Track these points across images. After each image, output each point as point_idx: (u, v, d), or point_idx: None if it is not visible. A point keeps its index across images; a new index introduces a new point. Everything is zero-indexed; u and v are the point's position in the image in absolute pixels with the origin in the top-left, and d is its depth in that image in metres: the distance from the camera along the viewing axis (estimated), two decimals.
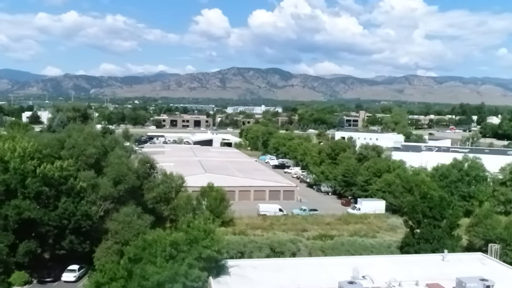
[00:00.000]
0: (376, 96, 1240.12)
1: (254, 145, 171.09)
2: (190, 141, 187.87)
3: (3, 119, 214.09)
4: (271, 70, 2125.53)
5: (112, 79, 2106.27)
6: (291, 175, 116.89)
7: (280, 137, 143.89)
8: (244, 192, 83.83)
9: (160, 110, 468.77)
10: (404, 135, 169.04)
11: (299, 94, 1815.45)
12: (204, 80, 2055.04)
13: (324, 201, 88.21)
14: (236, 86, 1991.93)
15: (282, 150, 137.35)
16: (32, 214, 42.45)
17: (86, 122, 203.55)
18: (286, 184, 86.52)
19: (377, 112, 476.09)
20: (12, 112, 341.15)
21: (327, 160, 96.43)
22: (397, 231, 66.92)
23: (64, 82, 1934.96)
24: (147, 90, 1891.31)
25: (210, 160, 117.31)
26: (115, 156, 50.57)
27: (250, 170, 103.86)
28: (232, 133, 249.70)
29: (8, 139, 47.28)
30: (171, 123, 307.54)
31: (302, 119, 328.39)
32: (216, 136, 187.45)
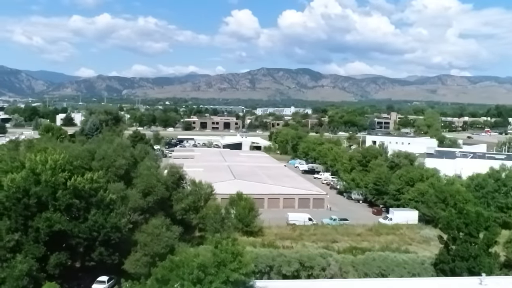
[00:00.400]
0: (408, 97, 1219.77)
1: (283, 149, 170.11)
2: (219, 144, 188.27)
3: (38, 121, 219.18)
4: (301, 71, 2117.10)
5: (144, 80, 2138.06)
6: (321, 181, 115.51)
7: (310, 141, 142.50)
8: (273, 200, 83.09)
9: (190, 111, 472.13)
10: (438, 139, 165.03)
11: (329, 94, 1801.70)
12: (234, 80, 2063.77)
13: (355, 210, 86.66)
14: (266, 87, 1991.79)
15: (312, 155, 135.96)
16: (62, 226, 42.79)
17: (118, 124, 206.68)
18: (316, 192, 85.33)
19: (409, 113, 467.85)
20: (47, 114, 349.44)
21: (358, 167, 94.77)
22: (431, 244, 65.07)
23: (97, 83, 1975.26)
24: (178, 91, 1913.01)
25: (239, 165, 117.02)
26: (144, 167, 50.64)
27: (279, 176, 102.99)
28: (261, 135, 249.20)
29: (40, 150, 47.86)
30: (201, 125, 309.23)
31: (332, 121, 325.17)
32: (246, 140, 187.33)
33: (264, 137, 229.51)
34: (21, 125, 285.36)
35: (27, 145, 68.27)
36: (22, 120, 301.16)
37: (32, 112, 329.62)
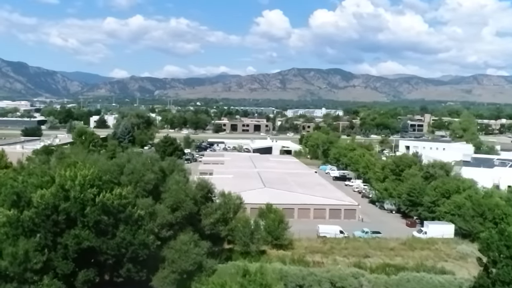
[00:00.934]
0: (442, 97, 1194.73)
1: (314, 154, 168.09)
2: (249, 148, 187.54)
3: (72, 124, 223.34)
4: (332, 71, 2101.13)
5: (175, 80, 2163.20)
6: (352, 189, 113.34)
7: (341, 147, 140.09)
8: (304, 210, 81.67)
9: (221, 113, 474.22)
10: (474, 145, 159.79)
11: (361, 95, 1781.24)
12: (264, 81, 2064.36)
13: (387, 221, 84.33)
14: (297, 87, 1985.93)
15: (343, 161, 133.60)
16: (91, 243, 42.57)
17: (149, 128, 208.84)
18: (348, 203, 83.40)
19: (443, 115, 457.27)
20: (81, 115, 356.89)
21: (391, 176, 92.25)
22: (468, 261, 62.57)
23: (130, 84, 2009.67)
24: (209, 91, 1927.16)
25: (269, 171, 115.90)
26: (173, 181, 50.10)
27: (309, 184, 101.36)
28: (291, 138, 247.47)
29: (70, 165, 47.89)
30: (231, 127, 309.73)
31: (364, 124, 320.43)
32: (276, 144, 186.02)
33: (295, 141, 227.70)
34: (56, 127, 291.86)
35: (58, 157, 68.92)
36: (57, 122, 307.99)
37: (67, 114, 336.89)
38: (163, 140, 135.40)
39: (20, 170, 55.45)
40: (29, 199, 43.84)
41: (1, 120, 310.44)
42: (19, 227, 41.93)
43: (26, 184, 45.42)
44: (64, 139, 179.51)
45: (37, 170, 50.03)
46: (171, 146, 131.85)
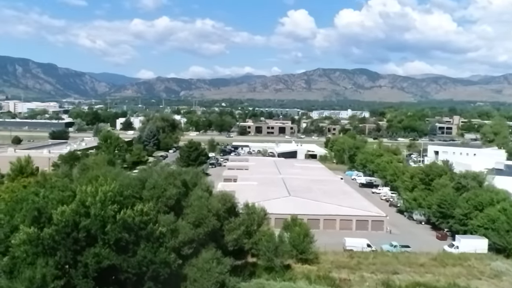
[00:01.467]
0: (471, 97, 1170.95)
1: (340, 159, 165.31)
2: (274, 152, 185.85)
3: (98, 127, 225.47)
4: (358, 71, 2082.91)
5: (201, 81, 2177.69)
6: (380, 197, 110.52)
7: (368, 153, 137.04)
8: (330, 221, 79.58)
9: (246, 115, 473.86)
10: (507, 151, 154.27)
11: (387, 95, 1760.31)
12: (289, 81, 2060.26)
13: (417, 233, 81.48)
14: (322, 88, 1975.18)
15: (370, 168, 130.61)
16: (111, 262, 41.62)
17: (174, 131, 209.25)
18: (375, 214, 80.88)
19: (472, 116, 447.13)
20: (107, 117, 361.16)
21: (420, 185, 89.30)
22: (502, 279, 59.65)
23: (156, 85, 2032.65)
24: (234, 92, 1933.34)
25: (294, 178, 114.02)
26: (195, 196, 48.83)
27: (335, 192, 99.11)
28: (317, 142, 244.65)
29: (91, 179, 47.15)
30: (256, 129, 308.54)
31: (390, 126, 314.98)
32: (301, 148, 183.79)
33: (320, 144, 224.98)
34: (83, 129, 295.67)
35: (81, 168, 68.60)
36: (84, 124, 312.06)
37: (94, 116, 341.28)
38: (187, 145, 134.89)
39: (43, 182, 55.07)
40: (49, 215, 43.26)
41: (30, 122, 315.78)
42: (39, 245, 41.26)
43: (47, 199, 44.86)
44: (90, 142, 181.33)
45: (59, 183, 49.48)
46: (196, 151, 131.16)
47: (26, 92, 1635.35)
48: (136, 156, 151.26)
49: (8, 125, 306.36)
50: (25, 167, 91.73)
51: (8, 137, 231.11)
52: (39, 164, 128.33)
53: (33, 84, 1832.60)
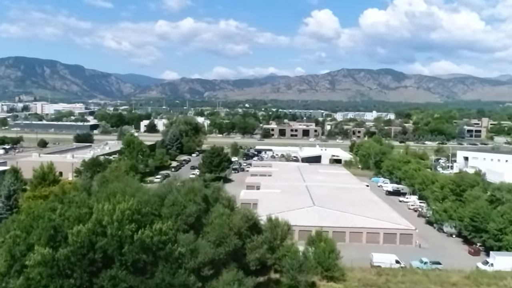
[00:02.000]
0: (500, 97, 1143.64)
1: (365, 164, 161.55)
2: (298, 156, 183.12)
3: (122, 130, 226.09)
4: (383, 71, 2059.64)
5: (225, 82, 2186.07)
6: (408, 206, 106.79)
7: (395, 159, 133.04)
8: (356, 234, 76.64)
9: (269, 116, 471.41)
10: None
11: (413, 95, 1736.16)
12: (313, 82, 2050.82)
13: (447, 247, 77.80)
14: (346, 88, 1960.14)
15: (397, 175, 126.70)
16: (128, 284, 39.92)
17: (197, 135, 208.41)
18: (404, 227, 77.52)
19: (502, 118, 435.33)
20: (132, 119, 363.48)
21: (451, 196, 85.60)
22: None
23: (180, 85, 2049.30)
24: (258, 92, 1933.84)
25: (318, 185, 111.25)
26: (216, 214, 46.80)
27: (361, 201, 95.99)
28: (341, 145, 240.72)
29: (109, 194, 45.60)
30: (279, 132, 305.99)
31: (417, 129, 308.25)
32: (325, 152, 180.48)
33: (344, 148, 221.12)
34: (108, 131, 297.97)
35: (100, 180, 67.40)
36: (108, 126, 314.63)
37: (118, 119, 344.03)
38: (210, 151, 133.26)
39: (61, 194, 53.84)
40: (66, 234, 41.86)
41: (56, 124, 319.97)
42: (54, 267, 39.83)
43: (64, 217, 43.48)
44: (114, 146, 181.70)
45: (76, 198, 48.09)
46: (218, 157, 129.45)
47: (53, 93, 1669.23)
48: (159, 160, 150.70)
49: (35, 128, 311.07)
50: (47, 174, 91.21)
51: (34, 139, 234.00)
52: (63, 169, 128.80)
53: (60, 85, 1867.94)
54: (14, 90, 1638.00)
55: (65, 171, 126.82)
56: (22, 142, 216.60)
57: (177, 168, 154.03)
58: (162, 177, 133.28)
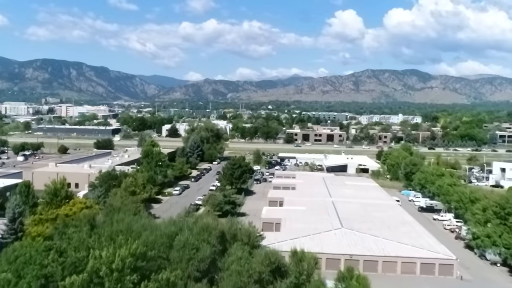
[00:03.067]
0: None
1: (394, 174, 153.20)
2: (323, 165, 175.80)
3: (143, 134, 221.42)
4: (408, 72, 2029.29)
5: (248, 83, 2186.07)
6: (443, 225, 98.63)
7: (427, 172, 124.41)
8: (389, 264, 69.22)
9: (292, 119, 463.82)
10: None
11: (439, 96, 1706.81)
12: (337, 83, 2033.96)
13: (493, 279, 69.55)
14: (371, 89, 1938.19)
15: (430, 190, 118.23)
16: None
17: (219, 141, 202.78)
18: (444, 256, 69.65)
19: None
20: (154, 123, 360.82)
21: (495, 219, 77.43)
22: None
23: (204, 87, 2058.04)
24: (281, 94, 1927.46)
25: (345, 201, 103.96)
26: (234, 257, 40.51)
27: (394, 221, 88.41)
28: (367, 152, 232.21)
29: (112, 234, 39.83)
30: (303, 137, 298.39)
31: (446, 134, 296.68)
32: (351, 161, 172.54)
33: (371, 155, 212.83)
34: (130, 136, 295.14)
35: (107, 209, 61.77)
36: (130, 131, 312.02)
37: (141, 123, 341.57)
38: (231, 162, 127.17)
39: (62, 228, 48.32)
40: (57, 286, 36.11)
41: (78, 129, 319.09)
42: None
43: (57, 263, 37.81)
44: (133, 153, 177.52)
45: (75, 237, 42.37)
46: (239, 168, 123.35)
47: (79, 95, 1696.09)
48: (179, 170, 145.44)
49: (57, 132, 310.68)
50: (59, 190, 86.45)
51: (55, 145, 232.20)
52: (79, 180, 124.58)
53: (86, 87, 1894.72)
54: (41, 91, 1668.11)
55: (81, 182, 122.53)
56: (43, 148, 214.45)
57: (197, 178, 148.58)
58: (181, 188, 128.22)
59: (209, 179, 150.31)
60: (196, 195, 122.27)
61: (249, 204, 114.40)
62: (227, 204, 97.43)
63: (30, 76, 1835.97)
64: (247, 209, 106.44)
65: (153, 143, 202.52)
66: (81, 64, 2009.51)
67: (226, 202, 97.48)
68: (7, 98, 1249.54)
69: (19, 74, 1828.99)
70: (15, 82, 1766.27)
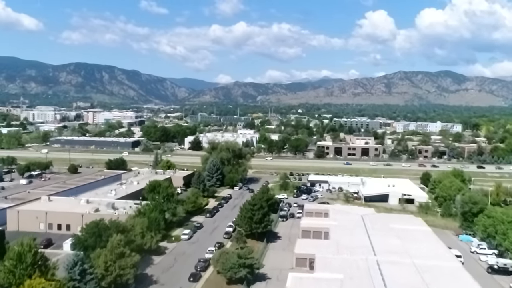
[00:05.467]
0: None
1: (446, 210, 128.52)
2: (360, 193, 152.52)
3: (160, 151, 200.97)
4: (442, 73, 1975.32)
5: (278, 86, 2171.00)
6: None
7: (496, 218, 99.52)
8: None
9: (323, 128, 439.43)
10: None
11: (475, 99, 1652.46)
12: (368, 85, 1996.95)
13: None
14: (403, 91, 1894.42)
15: (502, 243, 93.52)
16: None
17: (241, 162, 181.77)
18: None
19: None
20: (178, 132, 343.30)
21: None
22: None
23: (233, 90, 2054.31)
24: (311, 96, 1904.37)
25: (394, 263, 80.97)
26: None
27: None
28: (408, 171, 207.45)
29: None
30: (335, 151, 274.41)
31: (495, 149, 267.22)
32: (393, 190, 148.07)
33: (413, 175, 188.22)
34: (149, 150, 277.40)
35: None
36: (150, 144, 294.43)
37: (163, 134, 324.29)
38: (251, 202, 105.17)
39: None
40: None
41: (97, 141, 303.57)
42: None
43: None
44: (145, 177, 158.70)
45: None
46: (261, 210, 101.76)
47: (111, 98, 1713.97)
48: (191, 204, 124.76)
49: (76, 144, 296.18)
50: (25, 255, 67.27)
51: (67, 161, 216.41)
52: (71, 221, 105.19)
53: (118, 90, 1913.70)
54: (74, 95, 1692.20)
55: (73, 224, 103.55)
56: (52, 167, 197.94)
57: (213, 213, 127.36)
58: (191, 231, 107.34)
59: (227, 213, 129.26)
60: (208, 240, 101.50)
61: (272, 257, 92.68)
62: (242, 268, 75.98)
63: (63, 80, 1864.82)
64: (269, 268, 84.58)
65: (169, 163, 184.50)
66: (113, 67, 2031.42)
67: (241, 265, 76.04)
68: (41, 101, 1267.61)
69: (53, 78, 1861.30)
70: (49, 85, 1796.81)
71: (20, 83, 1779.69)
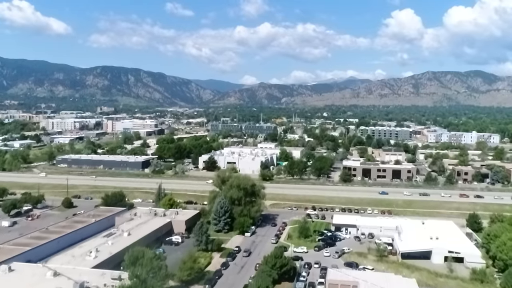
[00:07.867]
0: None
1: (509, 279, 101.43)
2: (396, 247, 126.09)
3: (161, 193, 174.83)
4: (472, 73, 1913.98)
5: (303, 87, 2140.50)
6: None
7: None
8: None
9: (350, 140, 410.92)
10: None
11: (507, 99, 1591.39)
12: (395, 86, 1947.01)
13: None
14: (431, 92, 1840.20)
15: None
16: None
17: (254, 202, 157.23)
18: None
19: None
20: (194, 147, 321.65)
21: None
22: None
23: (258, 91, 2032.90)
24: (337, 98, 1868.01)
25: None
26: None
27: None
28: (449, 203, 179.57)
29: None
30: (363, 173, 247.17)
31: None
32: (437, 246, 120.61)
33: (457, 214, 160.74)
34: (161, 171, 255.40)
35: None
36: (161, 165, 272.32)
37: (177, 151, 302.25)
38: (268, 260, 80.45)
39: None
40: None
41: (106, 161, 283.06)
42: None
43: None
44: (142, 221, 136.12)
45: None
46: None
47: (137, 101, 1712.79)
48: (187, 271, 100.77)
49: (83, 164, 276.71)
50: None
51: (64, 189, 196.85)
52: None
53: (143, 93, 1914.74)
54: (100, 98, 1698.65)
55: None
56: (44, 201, 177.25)
57: (214, 281, 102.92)
58: None
59: (232, 279, 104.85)
60: None
61: None
62: None
63: (90, 83, 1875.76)
64: None
65: (171, 201, 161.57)
66: (139, 70, 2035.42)
67: None
68: (67, 105, 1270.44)
69: (80, 81, 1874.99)
70: (76, 89, 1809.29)
71: (48, 87, 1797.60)
